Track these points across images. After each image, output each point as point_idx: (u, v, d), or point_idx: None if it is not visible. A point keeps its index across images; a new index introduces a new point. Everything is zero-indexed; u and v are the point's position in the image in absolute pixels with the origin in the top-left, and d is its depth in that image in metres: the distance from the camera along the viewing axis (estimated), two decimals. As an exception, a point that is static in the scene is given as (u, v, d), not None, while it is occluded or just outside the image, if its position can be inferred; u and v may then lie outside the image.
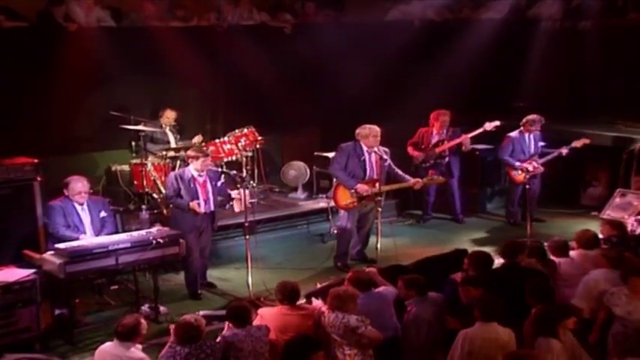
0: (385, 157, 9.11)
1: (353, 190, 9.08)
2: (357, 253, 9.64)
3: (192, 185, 8.39)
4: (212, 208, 8.56)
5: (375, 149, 9.07)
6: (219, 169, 8.97)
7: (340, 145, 9.28)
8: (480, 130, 10.96)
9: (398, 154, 9.53)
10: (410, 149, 11.16)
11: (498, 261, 7.49)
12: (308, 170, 11.52)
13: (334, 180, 9.47)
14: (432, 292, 6.62)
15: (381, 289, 6.77)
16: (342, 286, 6.57)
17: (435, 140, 11.08)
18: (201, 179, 8.46)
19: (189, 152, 8.66)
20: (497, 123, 10.89)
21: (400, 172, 9.32)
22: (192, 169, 8.44)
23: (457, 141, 10.97)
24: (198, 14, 11.50)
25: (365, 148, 9.12)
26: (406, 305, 6.55)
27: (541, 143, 11.03)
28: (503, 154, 10.97)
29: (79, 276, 7.42)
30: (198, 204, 8.32)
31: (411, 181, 9.34)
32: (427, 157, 11.03)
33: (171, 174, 8.63)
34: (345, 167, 9.14)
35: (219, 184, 8.67)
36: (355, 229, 9.42)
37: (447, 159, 11.09)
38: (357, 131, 9.16)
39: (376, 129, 9.10)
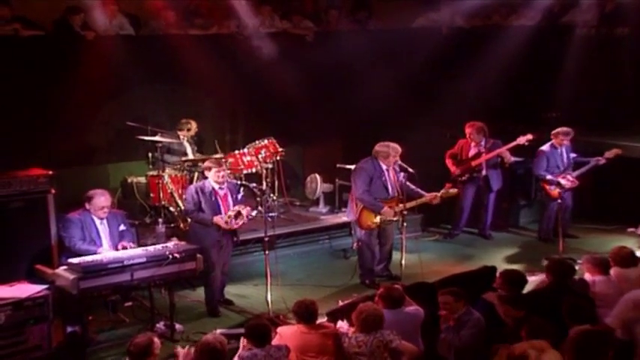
0: (399, 170, 9.14)
1: (380, 215, 9.06)
2: (382, 270, 9.59)
3: (213, 198, 8.38)
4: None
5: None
6: (237, 182, 8.96)
7: (360, 166, 9.25)
8: (514, 143, 10.89)
9: (425, 170, 9.45)
10: (448, 161, 11.10)
11: (532, 279, 7.39)
12: (319, 182, 11.39)
13: (350, 198, 9.43)
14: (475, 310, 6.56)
15: (411, 309, 6.71)
16: (369, 302, 6.50)
17: (472, 153, 11.00)
18: (222, 192, 8.46)
19: (205, 163, 8.70)
20: (531, 137, 10.80)
21: (414, 187, 9.26)
22: (213, 182, 8.45)
23: (494, 153, 10.89)
24: (218, 22, 11.53)
25: (384, 167, 9.13)
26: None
27: (572, 155, 10.94)
28: (538, 169, 10.89)
29: (93, 292, 7.41)
30: (222, 218, 8.30)
31: (428, 196, 9.29)
32: (464, 171, 10.96)
33: (191, 187, 8.62)
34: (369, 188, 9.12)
35: (239, 197, 8.66)
36: (377, 245, 9.39)
37: (483, 172, 11.00)
38: (377, 149, 9.15)
39: (398, 148, 9.12)
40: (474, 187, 11.07)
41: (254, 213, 9.78)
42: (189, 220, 8.79)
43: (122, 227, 8.24)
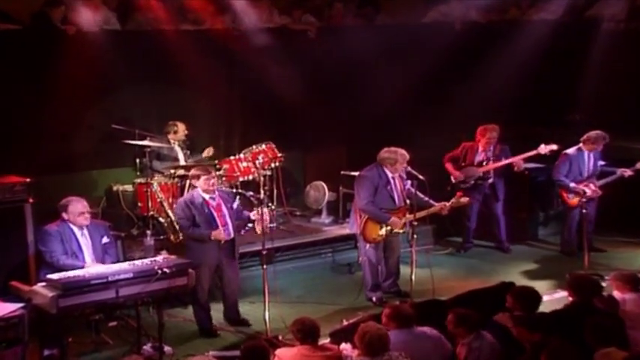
0: (405, 177, 9.12)
1: (386, 226, 9.03)
2: (390, 286, 9.55)
3: (206, 210, 8.33)
4: (232, 234, 8.49)
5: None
6: (233, 190, 8.90)
7: (363, 174, 9.22)
8: (533, 152, 10.85)
9: (436, 178, 9.40)
10: (448, 165, 11.06)
11: (551, 297, 7.30)
12: (327, 191, 11.42)
13: (353, 209, 9.38)
14: (486, 333, 6.45)
15: (425, 328, 6.63)
16: (372, 322, 6.41)
17: (479, 158, 10.96)
18: (214, 202, 8.40)
19: (192, 172, 8.65)
20: (555, 147, 10.74)
21: (422, 196, 9.21)
22: (201, 192, 8.38)
23: (505, 162, 10.88)
24: (212, 16, 11.48)
25: (390, 174, 9.08)
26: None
27: (600, 162, 10.87)
28: (557, 175, 10.82)
29: (74, 311, 7.31)
30: (220, 232, 8.28)
31: (437, 206, 9.26)
32: (467, 177, 10.91)
33: (180, 201, 8.58)
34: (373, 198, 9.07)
35: (234, 206, 8.60)
36: (382, 259, 9.35)
37: (490, 180, 10.96)
38: (383, 156, 9.12)
39: (405, 154, 9.09)
40: (479, 196, 11.05)
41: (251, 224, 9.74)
42: (183, 235, 8.80)
43: (105, 239, 8.20)
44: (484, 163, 10.92)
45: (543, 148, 10.76)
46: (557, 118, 12.63)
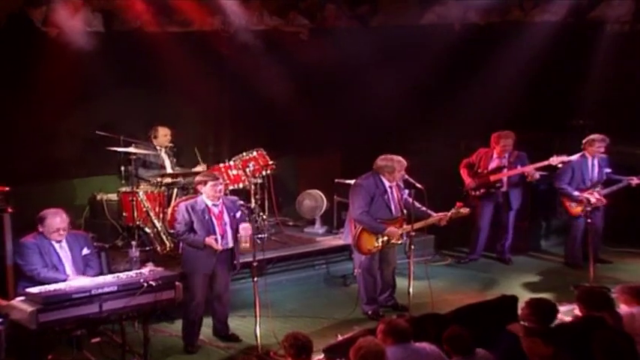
0: (403, 186, 9.12)
1: (382, 237, 9.02)
2: (387, 299, 9.53)
3: (206, 217, 8.30)
4: (230, 244, 8.45)
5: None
6: (238, 199, 8.86)
7: (359, 183, 9.19)
8: (544, 163, 10.85)
9: (435, 187, 9.36)
10: (463, 171, 11.09)
11: (563, 309, 7.29)
12: (325, 200, 11.45)
13: (348, 219, 9.38)
14: (480, 350, 6.43)
15: (424, 344, 6.58)
16: (369, 337, 6.34)
17: (493, 165, 10.97)
18: (216, 210, 8.37)
19: (197, 177, 8.62)
20: (566, 158, 10.76)
21: (420, 205, 9.18)
22: (205, 198, 8.36)
23: (518, 171, 10.89)
24: (200, 17, 11.46)
25: (387, 183, 9.07)
26: None
27: (606, 170, 10.87)
28: (560, 182, 10.82)
29: (55, 326, 7.25)
30: (216, 239, 8.23)
31: (435, 217, 9.24)
32: (479, 184, 10.92)
33: (182, 205, 8.53)
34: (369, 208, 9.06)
35: (237, 215, 8.55)
36: (378, 271, 9.34)
37: (503, 188, 10.99)
38: (381, 164, 9.09)
39: (403, 162, 9.06)
40: (491, 204, 11.07)
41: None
42: (180, 242, 8.76)
43: (85, 251, 8.14)
44: (497, 172, 10.92)
45: (555, 159, 10.77)
46: (560, 124, 12.63)
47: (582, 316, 7.00)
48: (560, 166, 10.81)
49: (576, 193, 10.68)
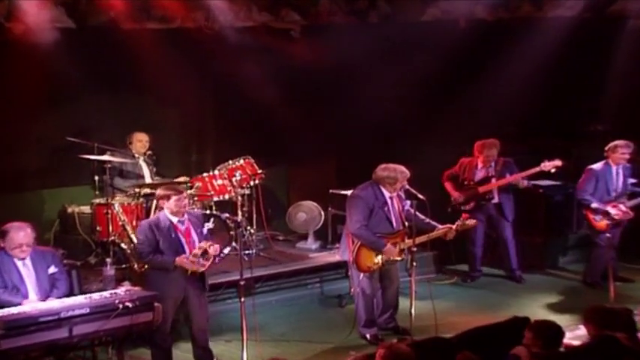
0: (404, 197, 9.13)
1: (381, 254, 9.01)
2: (387, 321, 9.49)
3: (173, 235, 8.22)
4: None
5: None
6: (203, 211, 8.82)
7: (356, 194, 9.16)
8: (536, 169, 10.86)
9: (438, 197, 9.32)
10: (447, 184, 11.10)
11: (573, 334, 7.22)
12: (322, 213, 11.44)
13: (345, 234, 9.36)
14: None
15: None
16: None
17: (479, 176, 11.00)
18: (182, 226, 8.30)
19: (159, 191, 8.54)
20: (559, 163, 10.77)
21: (423, 217, 9.19)
22: (169, 214, 8.27)
23: (506, 181, 10.91)
24: (182, 13, 11.45)
25: (387, 194, 9.05)
26: None
27: (631, 180, 10.85)
28: (582, 193, 10.78)
29: (19, 353, 7.15)
30: (187, 259, 8.12)
31: (441, 229, 9.24)
32: (468, 198, 10.92)
33: (143, 223, 8.47)
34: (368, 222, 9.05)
35: (204, 230, 8.50)
36: (378, 290, 9.31)
37: (495, 200, 11.00)
38: (381, 174, 9.07)
39: (406, 172, 9.05)
40: (484, 217, 11.06)
41: (226, 250, 9.69)
42: (142, 263, 8.71)
43: (53, 269, 8.05)
44: (484, 182, 10.91)
45: (546, 165, 10.78)
46: (578, 130, 12.64)
47: (593, 336, 6.95)
48: (553, 171, 10.81)
49: (599, 205, 10.62)
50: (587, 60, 12.98)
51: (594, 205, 10.63)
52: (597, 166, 10.79)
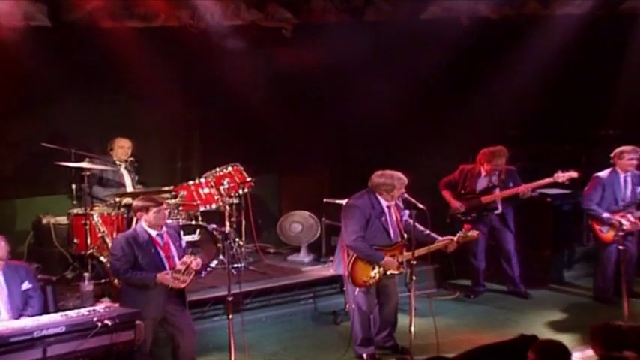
0: (403, 207, 9.12)
1: (378, 266, 9.00)
2: (385, 339, 9.47)
3: (152, 250, 8.22)
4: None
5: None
6: (180, 222, 8.80)
7: (352, 204, 9.15)
8: (548, 180, 10.87)
9: (438, 207, 9.28)
10: (445, 193, 11.09)
11: (583, 354, 7.20)
12: (319, 224, 11.44)
13: (340, 246, 9.35)
14: None
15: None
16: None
17: (482, 186, 11.00)
18: (162, 240, 8.29)
19: (136, 203, 8.52)
20: (574, 174, 10.80)
21: (423, 229, 9.19)
22: (147, 227, 8.24)
23: (511, 192, 10.92)
24: (165, 11, 11.43)
25: (385, 203, 9.04)
26: None
27: (639, 188, 10.83)
28: (588, 203, 10.81)
29: (-11, 375, 7.24)
30: (169, 275, 8.10)
31: (442, 241, 9.24)
32: (470, 208, 10.92)
33: (119, 237, 8.46)
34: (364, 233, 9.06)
35: (183, 243, 8.52)
36: (375, 306, 9.29)
37: (498, 210, 11.02)
38: (378, 181, 9.06)
39: (404, 179, 9.04)
40: (486, 228, 11.07)
41: (213, 264, 9.66)
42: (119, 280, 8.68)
43: (26, 285, 8.06)
44: (488, 192, 10.93)
45: (560, 176, 10.77)
46: (587, 135, 12.62)
47: (600, 357, 6.94)
48: (567, 182, 10.83)
49: (607, 216, 10.63)
50: (597, 60, 12.99)
51: (605, 215, 10.63)
52: (604, 173, 10.79)
